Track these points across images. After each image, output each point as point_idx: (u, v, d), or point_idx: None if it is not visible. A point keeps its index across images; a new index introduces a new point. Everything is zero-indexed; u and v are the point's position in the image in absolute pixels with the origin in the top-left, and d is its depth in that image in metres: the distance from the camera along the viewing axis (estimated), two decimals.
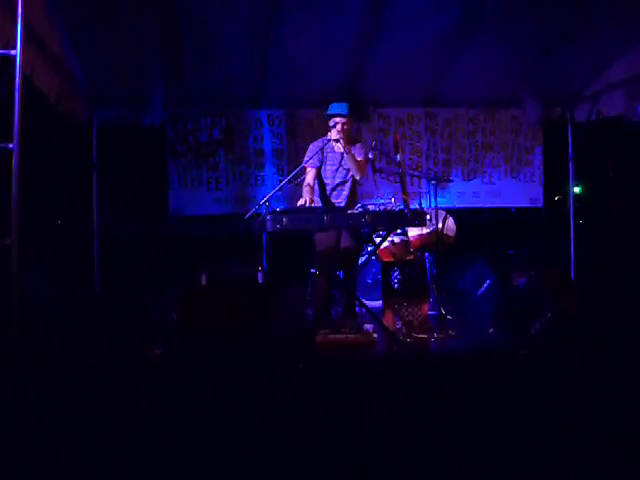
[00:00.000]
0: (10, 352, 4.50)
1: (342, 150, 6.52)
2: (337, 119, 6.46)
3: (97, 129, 8.42)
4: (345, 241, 6.35)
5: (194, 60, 7.52)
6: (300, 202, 6.24)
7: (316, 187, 6.63)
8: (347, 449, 4.08)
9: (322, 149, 6.53)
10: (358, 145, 6.66)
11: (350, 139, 6.62)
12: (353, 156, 6.46)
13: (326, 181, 6.62)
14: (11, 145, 4.70)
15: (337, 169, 6.61)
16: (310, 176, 6.56)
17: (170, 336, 5.29)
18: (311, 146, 6.70)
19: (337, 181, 6.62)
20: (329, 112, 6.53)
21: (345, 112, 6.49)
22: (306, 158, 6.62)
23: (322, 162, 6.58)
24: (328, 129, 6.56)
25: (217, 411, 4.13)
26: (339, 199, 6.61)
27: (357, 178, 6.58)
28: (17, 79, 4.74)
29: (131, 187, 8.82)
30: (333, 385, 4.29)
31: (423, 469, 4.06)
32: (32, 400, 3.99)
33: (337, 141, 6.45)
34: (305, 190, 6.49)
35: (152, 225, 8.89)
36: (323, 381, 4.30)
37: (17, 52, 4.74)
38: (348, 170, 6.58)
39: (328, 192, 6.64)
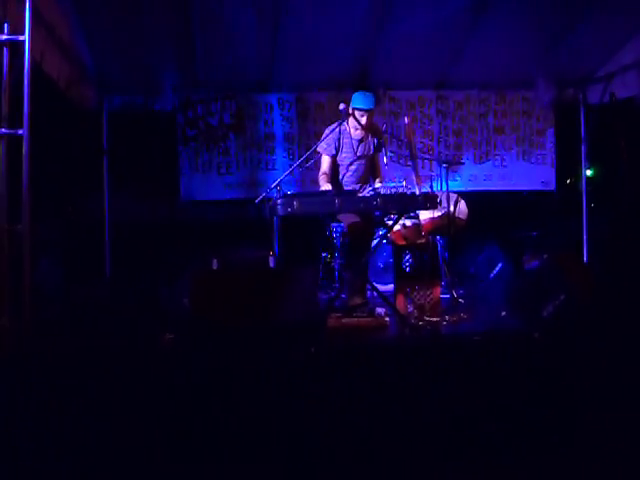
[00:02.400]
0: (22, 337, 4.51)
1: (360, 136, 6.50)
2: (361, 112, 6.41)
3: (107, 115, 8.42)
4: (351, 218, 6.37)
5: (204, 44, 7.50)
6: (327, 187, 6.28)
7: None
8: (359, 432, 4.08)
9: (339, 138, 6.50)
10: (374, 132, 6.63)
11: (370, 128, 6.60)
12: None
13: (340, 167, 6.58)
14: (21, 131, 4.70)
15: (353, 156, 6.56)
16: (326, 164, 6.52)
17: (181, 321, 5.29)
18: (327, 131, 6.58)
19: (352, 167, 6.58)
20: (357, 105, 6.41)
21: (372, 106, 6.44)
22: (322, 144, 6.56)
23: (338, 150, 6.53)
24: (349, 114, 6.48)
25: (229, 396, 4.13)
26: (353, 185, 6.57)
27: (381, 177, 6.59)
28: (26, 65, 4.73)
29: (142, 172, 8.81)
30: (345, 369, 4.28)
31: (435, 451, 4.06)
32: (44, 385, 4.00)
33: (359, 129, 6.43)
34: (322, 179, 6.45)
35: (163, 210, 8.89)
36: (335, 365, 4.29)
37: (26, 38, 4.72)
38: (363, 157, 6.55)
39: (341, 178, 6.61)
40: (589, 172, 9.62)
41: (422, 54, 8.05)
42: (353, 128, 6.49)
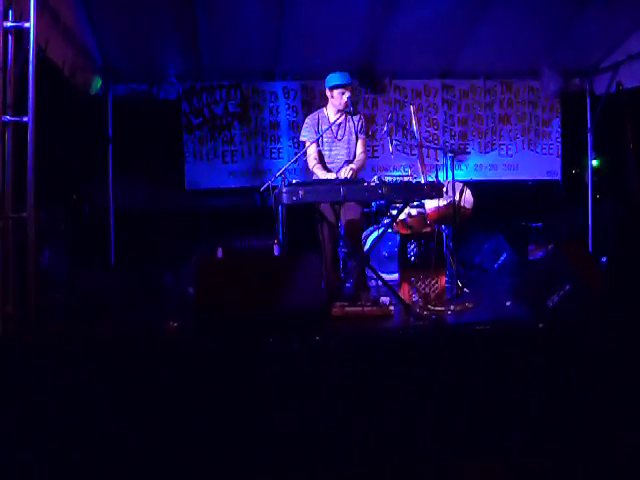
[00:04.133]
0: (27, 324, 4.52)
1: (340, 121, 6.46)
2: (340, 89, 6.36)
3: (112, 102, 8.42)
4: (348, 213, 6.32)
5: (209, 32, 7.49)
6: (328, 176, 6.23)
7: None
8: (363, 420, 4.08)
9: (318, 123, 6.46)
10: (357, 117, 6.57)
11: (350, 110, 6.54)
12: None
13: (323, 153, 6.52)
14: (26, 118, 4.69)
15: (333, 139, 6.50)
16: (314, 151, 6.46)
17: (186, 309, 5.29)
18: (307, 119, 6.60)
19: (334, 152, 6.51)
20: (332, 83, 6.38)
21: (349, 81, 6.40)
22: (304, 132, 6.53)
23: (318, 134, 6.46)
24: (324, 101, 6.51)
25: (234, 383, 4.14)
26: (344, 170, 6.46)
27: (358, 161, 6.49)
28: (31, 52, 4.72)
29: (146, 160, 8.81)
30: (349, 357, 4.28)
31: (439, 440, 4.06)
32: (49, 370, 4.01)
33: (344, 112, 6.39)
34: (317, 167, 6.40)
35: (168, 198, 8.90)
36: (339, 353, 4.29)
37: (31, 25, 4.70)
38: (345, 140, 6.49)
39: (326, 164, 6.53)
40: (595, 162, 9.59)
41: (428, 43, 8.01)
42: (332, 112, 6.44)
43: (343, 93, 6.35)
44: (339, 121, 6.48)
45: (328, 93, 6.44)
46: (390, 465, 3.90)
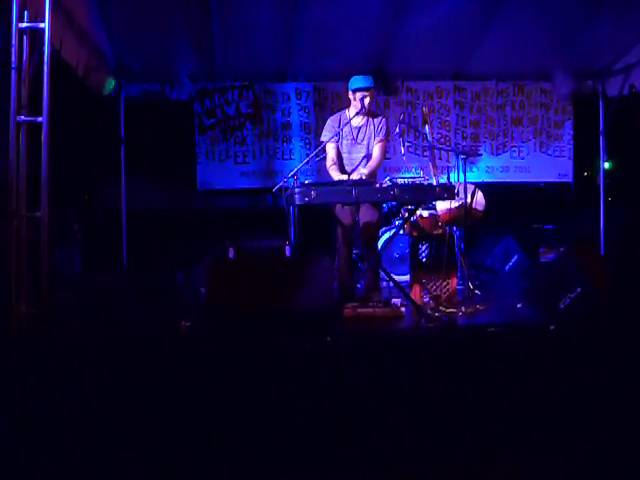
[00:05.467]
0: (40, 322, 4.55)
1: (361, 124, 6.46)
2: (363, 93, 6.35)
3: (125, 103, 8.45)
4: (365, 215, 6.30)
5: (222, 33, 7.50)
6: (342, 177, 6.23)
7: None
8: (375, 421, 4.09)
9: (340, 125, 6.45)
10: (378, 120, 6.55)
11: (371, 112, 6.55)
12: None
13: (343, 155, 6.52)
14: (40, 118, 4.72)
15: (353, 142, 6.50)
16: (332, 152, 6.46)
17: (198, 309, 5.31)
18: (329, 120, 6.60)
19: (353, 155, 6.52)
20: (355, 86, 6.38)
21: (372, 85, 6.40)
22: (326, 132, 6.53)
23: (339, 137, 6.46)
24: (348, 103, 6.49)
25: (245, 384, 4.15)
26: (356, 173, 6.47)
27: (371, 164, 6.47)
28: (46, 52, 4.75)
29: (159, 161, 8.84)
30: (361, 358, 4.28)
31: (449, 440, 4.06)
32: (61, 369, 4.03)
33: (364, 114, 6.39)
34: (333, 169, 6.40)
35: (180, 199, 8.92)
36: (351, 354, 4.30)
37: (46, 25, 4.74)
38: (365, 144, 6.49)
39: (344, 165, 6.53)
40: (607, 165, 9.57)
41: (440, 44, 8.00)
42: (354, 115, 6.44)
43: (365, 96, 6.34)
44: (360, 124, 6.48)
45: (351, 95, 6.43)
46: (400, 465, 3.90)
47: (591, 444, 3.96)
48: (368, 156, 6.46)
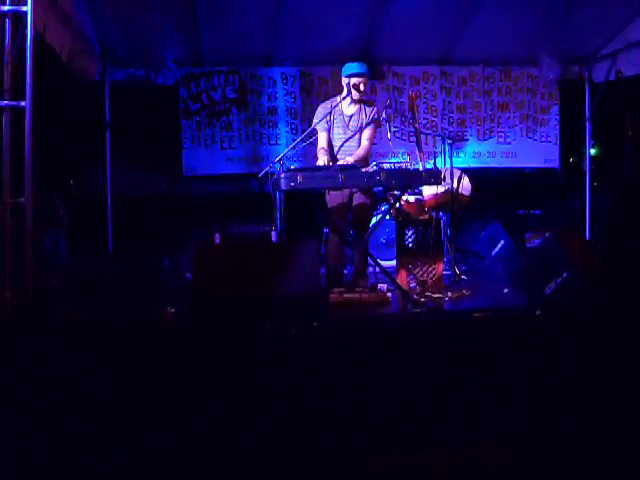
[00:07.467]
0: (24, 309, 4.52)
1: (353, 112, 6.42)
2: (358, 79, 6.32)
3: (110, 88, 8.40)
4: (358, 198, 6.29)
5: (207, 17, 7.46)
6: (319, 163, 6.20)
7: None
8: (361, 407, 4.09)
9: (331, 113, 6.41)
10: (370, 108, 6.50)
11: (365, 100, 6.52)
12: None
13: (334, 142, 6.50)
14: (23, 103, 4.68)
15: (345, 130, 6.46)
16: (323, 139, 6.43)
17: (183, 295, 5.29)
18: (320, 108, 6.54)
19: (345, 144, 6.48)
20: (349, 72, 6.35)
21: (367, 72, 6.36)
22: (315, 120, 6.48)
23: (330, 124, 6.43)
24: (341, 89, 6.45)
25: (230, 369, 4.14)
26: (347, 160, 6.44)
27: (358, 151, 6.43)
28: (29, 36, 4.71)
29: (144, 146, 8.80)
30: (347, 343, 4.28)
31: (436, 426, 4.07)
32: (46, 356, 4.01)
33: (357, 102, 6.36)
34: (320, 153, 6.38)
35: (165, 184, 8.90)
36: (337, 339, 4.30)
37: (28, 8, 4.69)
38: (355, 132, 6.45)
39: (335, 152, 6.51)
40: (593, 150, 9.59)
41: (426, 29, 8.00)
42: (346, 103, 6.40)
43: (360, 82, 6.31)
44: (352, 111, 6.44)
45: (344, 82, 6.39)
46: (385, 451, 3.91)
47: (576, 428, 3.97)
48: (359, 144, 6.44)
